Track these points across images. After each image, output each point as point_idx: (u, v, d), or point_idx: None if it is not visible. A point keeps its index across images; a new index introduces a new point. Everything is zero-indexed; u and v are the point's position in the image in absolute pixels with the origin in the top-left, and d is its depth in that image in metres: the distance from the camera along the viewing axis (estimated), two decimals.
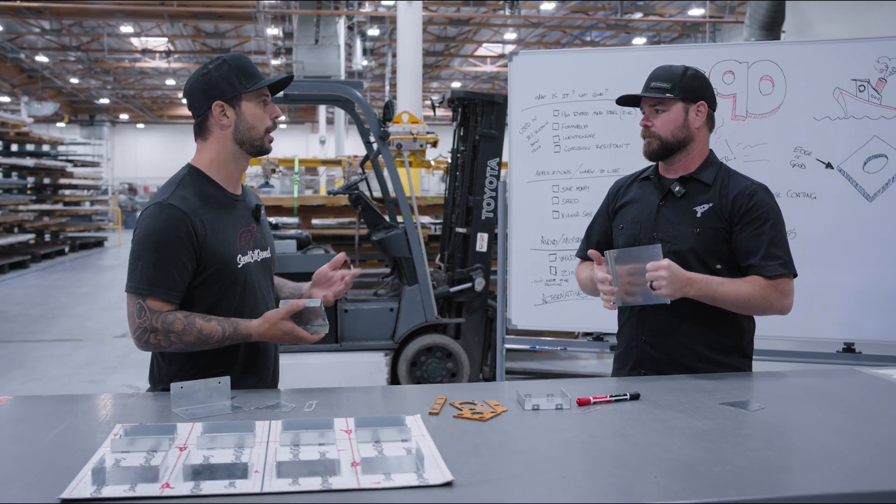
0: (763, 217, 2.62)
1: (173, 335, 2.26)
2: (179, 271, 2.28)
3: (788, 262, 2.62)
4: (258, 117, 2.40)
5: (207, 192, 2.39)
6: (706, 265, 2.63)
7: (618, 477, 1.67)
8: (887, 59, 3.85)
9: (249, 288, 2.42)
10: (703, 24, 24.57)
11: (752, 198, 2.63)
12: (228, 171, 2.45)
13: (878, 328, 3.94)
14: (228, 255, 2.36)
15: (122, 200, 31.36)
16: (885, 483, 1.63)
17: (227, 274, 2.36)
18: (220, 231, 2.36)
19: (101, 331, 9.81)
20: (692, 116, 2.68)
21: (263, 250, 2.51)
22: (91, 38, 28.49)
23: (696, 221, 2.67)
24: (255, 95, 2.40)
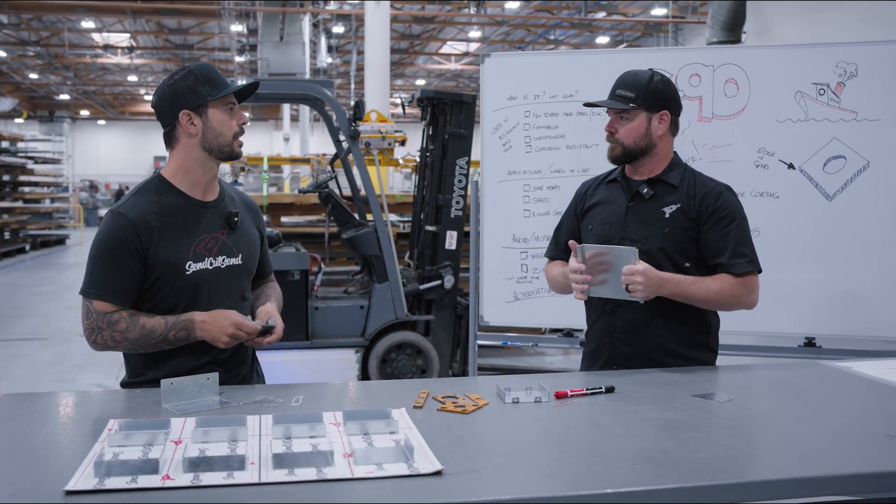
0: (729, 217, 2.71)
1: (118, 333, 2.35)
2: (124, 275, 2.36)
3: (754, 259, 2.72)
4: (225, 124, 2.45)
5: (166, 201, 2.44)
6: (675, 264, 2.73)
7: (599, 465, 1.76)
8: (845, 63, 3.99)
9: (202, 294, 2.44)
10: (665, 24, 24.88)
11: (718, 198, 2.73)
12: (194, 178, 2.49)
13: (838, 323, 4.08)
14: (176, 261, 2.40)
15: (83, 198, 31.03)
16: (844, 467, 1.74)
17: (174, 280, 2.40)
18: (171, 238, 2.40)
19: (66, 329, 9.74)
20: (655, 125, 2.75)
21: (232, 257, 2.52)
22: (51, 32, 28.07)
23: (665, 222, 2.75)
24: (221, 103, 2.45)
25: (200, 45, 30.28)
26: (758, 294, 2.75)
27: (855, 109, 4.00)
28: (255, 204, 2.76)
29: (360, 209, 7.30)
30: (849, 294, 4.07)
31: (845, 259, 4.05)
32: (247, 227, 2.61)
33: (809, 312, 4.12)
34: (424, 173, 7.10)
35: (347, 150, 6.76)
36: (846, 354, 4.01)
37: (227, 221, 2.53)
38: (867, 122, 3.99)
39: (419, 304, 6.80)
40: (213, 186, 2.54)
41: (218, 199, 2.55)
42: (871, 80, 3.98)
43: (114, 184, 40.27)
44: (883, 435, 1.94)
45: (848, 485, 1.69)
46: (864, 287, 4.04)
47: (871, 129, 3.99)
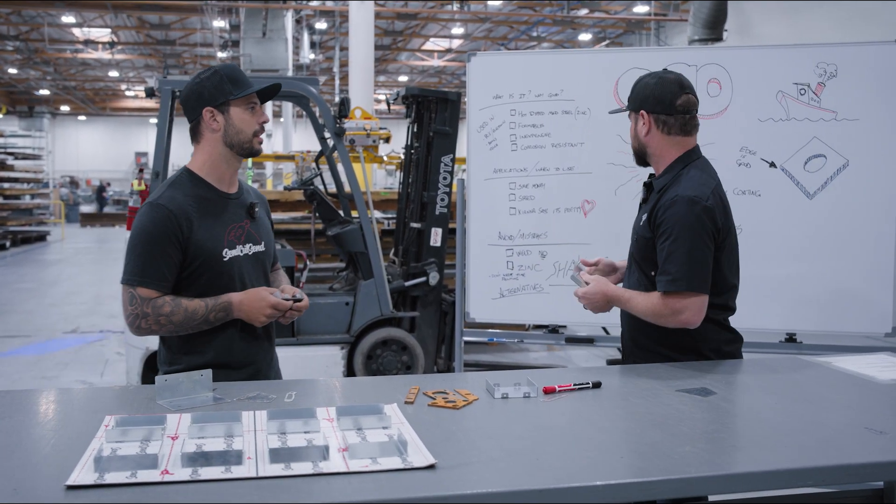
0: (668, 232, 2.63)
1: (163, 317, 2.47)
2: (166, 263, 2.48)
3: (678, 279, 2.58)
4: (246, 122, 2.59)
5: (198, 192, 2.59)
6: (643, 272, 2.78)
7: (587, 458, 1.80)
8: (825, 64, 4.06)
9: (237, 279, 2.59)
10: (647, 22, 25.00)
11: (667, 210, 2.65)
12: (220, 172, 2.64)
13: (818, 319, 4.15)
14: (214, 249, 2.54)
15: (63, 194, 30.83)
16: (825, 459, 1.80)
17: (213, 266, 2.54)
18: (207, 227, 2.54)
19: (50, 327, 9.70)
20: (639, 126, 2.78)
21: (256, 244, 2.69)
22: (30, 27, 27.86)
23: (639, 229, 2.81)
24: (243, 102, 2.58)
25: (182, 41, 30.14)
26: (690, 314, 2.60)
27: (835, 109, 4.08)
28: (264, 198, 2.91)
29: (346, 206, 7.31)
30: (829, 290, 4.14)
31: (825, 256, 4.13)
32: (263, 218, 2.79)
33: (790, 308, 4.19)
34: (409, 170, 7.13)
35: (333, 148, 6.78)
36: (826, 350, 4.08)
37: (249, 212, 2.70)
38: (846, 122, 4.06)
39: (404, 301, 6.83)
40: (235, 180, 2.71)
41: (238, 191, 2.71)
42: (851, 80, 4.05)
43: (94, 180, 39.99)
44: (862, 428, 2.00)
45: (828, 476, 1.75)
46: (844, 283, 4.12)
47: (850, 128, 4.06)
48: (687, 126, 2.76)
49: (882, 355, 2.91)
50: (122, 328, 7.15)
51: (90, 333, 9.29)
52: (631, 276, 2.87)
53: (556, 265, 4.43)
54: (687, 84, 2.78)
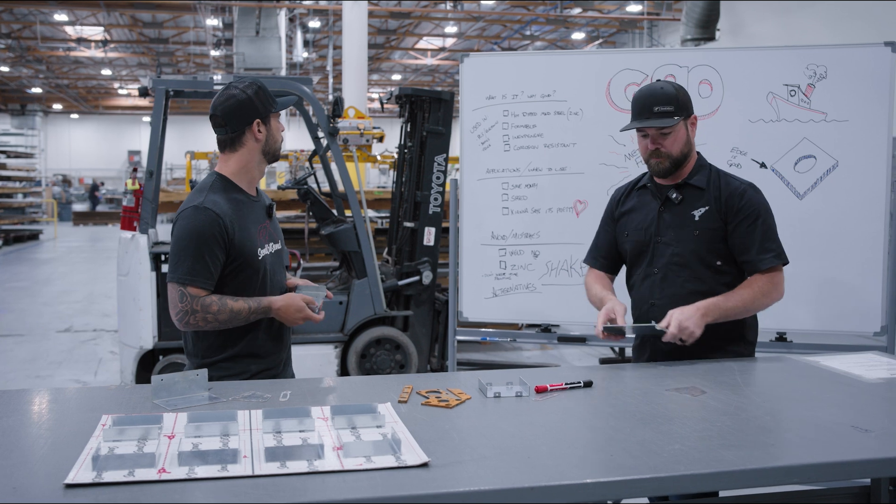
0: (754, 214, 2.83)
1: (210, 315, 2.64)
2: (213, 263, 2.66)
3: (780, 253, 2.86)
4: (279, 131, 2.85)
5: (233, 196, 2.77)
6: (706, 263, 2.86)
7: (578, 456, 1.83)
8: (815, 66, 4.09)
9: (268, 276, 2.79)
10: (640, 21, 25.05)
11: (742, 197, 2.85)
12: (251, 177, 2.85)
13: (808, 318, 4.19)
14: (252, 248, 2.74)
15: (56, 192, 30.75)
16: (811, 457, 1.83)
17: (250, 265, 2.73)
18: (245, 228, 2.73)
19: (43, 325, 9.70)
20: (691, 130, 2.91)
21: (276, 243, 2.89)
22: (22, 25, 27.77)
23: (695, 224, 2.87)
24: (276, 113, 2.84)
25: (175, 39, 30.07)
26: (783, 286, 2.88)
27: (824, 110, 4.11)
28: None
29: (339, 205, 7.33)
30: (819, 290, 4.18)
31: (815, 256, 4.17)
32: (275, 219, 2.98)
33: (780, 307, 4.19)
34: (403, 170, 7.16)
35: (326, 147, 6.80)
36: (816, 349, 4.11)
37: (267, 212, 2.89)
38: (836, 123, 4.10)
39: (398, 300, 6.86)
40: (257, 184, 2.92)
41: (258, 193, 2.90)
42: (840, 82, 4.09)
43: (87, 178, 39.90)
44: (848, 426, 2.03)
45: (814, 473, 1.78)
46: (834, 283, 4.16)
47: (839, 129, 4.10)
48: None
49: (870, 354, 2.95)
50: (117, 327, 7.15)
51: (83, 332, 9.30)
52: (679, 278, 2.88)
53: (548, 265, 4.46)
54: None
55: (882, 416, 2.18)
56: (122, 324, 6.38)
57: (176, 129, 9.38)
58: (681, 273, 2.89)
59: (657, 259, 2.93)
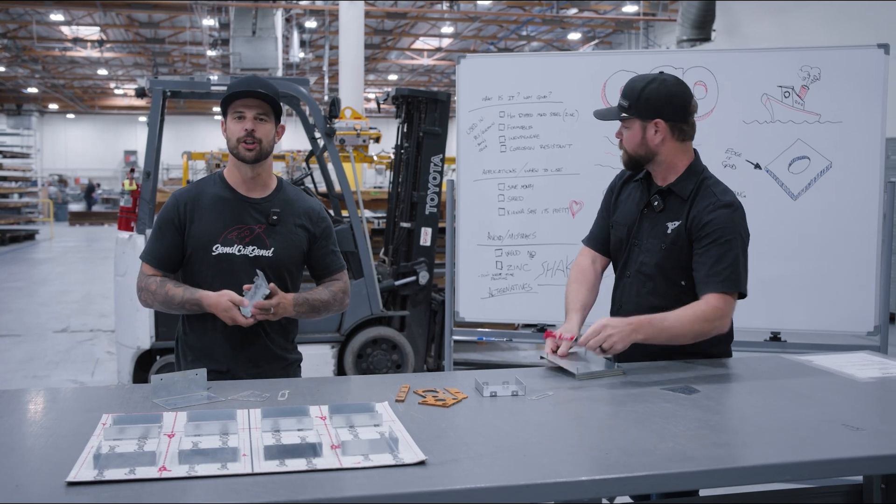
0: (714, 234, 2.63)
1: (149, 294, 2.75)
2: (165, 245, 2.78)
3: (730, 279, 2.61)
4: (232, 130, 2.76)
5: (213, 191, 2.82)
6: (670, 280, 2.73)
7: (573, 454, 1.86)
8: (809, 67, 4.12)
9: (227, 275, 2.74)
10: (636, 21, 25.09)
11: (709, 214, 2.65)
12: (237, 176, 2.83)
13: (802, 318, 4.22)
14: (206, 241, 2.75)
15: (52, 192, 30.72)
16: (802, 454, 1.86)
17: (202, 257, 2.76)
18: (208, 221, 2.76)
19: (40, 326, 9.71)
20: (650, 134, 2.70)
21: (262, 249, 2.78)
22: (18, 25, 27.75)
23: (666, 238, 2.74)
24: (232, 110, 2.75)
25: (172, 39, 30.06)
26: (730, 318, 2.66)
27: (818, 112, 4.14)
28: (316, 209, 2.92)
29: (336, 206, 7.35)
30: (812, 290, 4.21)
31: (809, 256, 4.20)
32: (290, 227, 2.84)
33: (775, 307, 4.26)
34: (399, 170, 7.18)
35: (323, 148, 6.82)
36: (810, 348, 4.14)
37: (267, 218, 2.80)
38: (830, 124, 4.13)
39: (394, 300, 6.88)
40: (258, 185, 2.83)
41: (267, 197, 2.83)
42: (834, 83, 4.12)
43: (83, 178, 39.87)
44: (839, 424, 2.06)
45: (805, 471, 1.82)
46: (827, 283, 4.19)
47: (833, 130, 4.13)
48: (693, 130, 2.80)
49: (862, 354, 2.98)
50: (114, 327, 7.17)
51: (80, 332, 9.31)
52: (643, 289, 2.79)
53: (544, 265, 4.49)
54: (689, 87, 2.78)
55: (873, 414, 2.21)
56: (119, 324, 6.40)
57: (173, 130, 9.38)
58: (646, 284, 2.78)
59: (630, 263, 2.83)
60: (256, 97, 2.71)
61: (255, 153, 2.74)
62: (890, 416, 2.23)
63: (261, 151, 2.75)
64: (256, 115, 2.73)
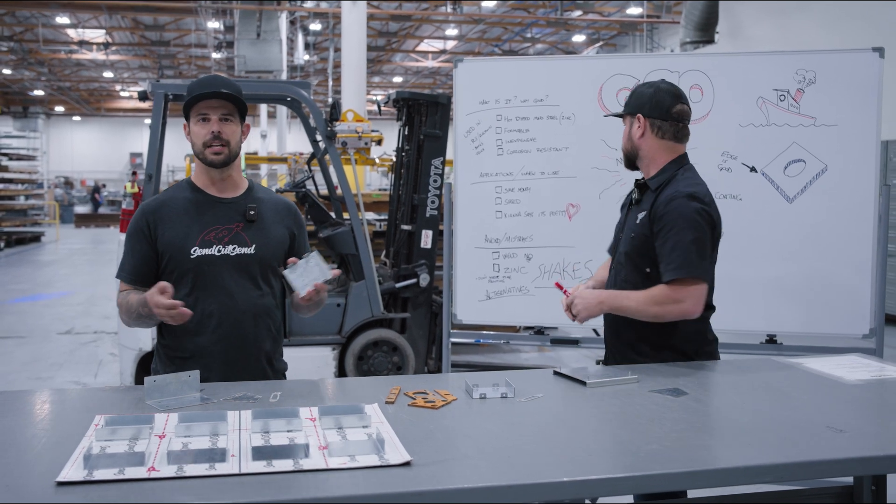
0: (670, 224, 2.74)
1: (121, 310, 2.72)
2: (136, 257, 2.72)
3: (683, 265, 2.70)
4: (196, 134, 2.70)
5: (183, 195, 2.77)
6: (637, 268, 2.88)
7: (556, 456, 1.88)
8: (804, 71, 4.14)
9: (206, 278, 2.69)
10: (640, 24, 25.10)
11: (668, 205, 2.77)
12: (205, 178, 2.78)
13: (798, 321, 4.24)
14: (181, 247, 2.68)
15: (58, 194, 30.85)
16: (784, 456, 1.87)
17: (180, 262, 2.68)
18: (182, 225, 2.70)
19: (44, 327, 9.75)
20: (634, 129, 2.91)
21: (244, 247, 2.73)
22: (25, 28, 27.88)
23: (635, 227, 2.89)
24: (194, 114, 2.69)
25: (177, 42, 30.17)
26: (690, 303, 2.71)
27: (814, 115, 4.16)
28: (291, 207, 2.92)
29: (337, 208, 7.38)
30: (808, 293, 4.23)
31: (805, 259, 4.21)
32: (270, 224, 2.80)
33: (771, 310, 4.28)
34: (400, 173, 7.21)
35: (324, 151, 6.85)
36: (805, 351, 4.16)
37: (244, 215, 2.75)
38: (825, 128, 4.15)
39: (395, 302, 6.91)
40: (228, 185, 2.78)
41: (239, 196, 2.79)
42: (829, 86, 4.14)
43: (89, 180, 40.01)
44: (823, 426, 2.08)
45: (786, 473, 1.83)
46: (823, 286, 4.21)
47: (828, 134, 4.15)
48: (679, 133, 2.92)
49: (853, 356, 2.99)
50: (117, 329, 7.22)
51: (84, 334, 9.35)
52: (618, 276, 2.96)
53: (541, 268, 4.51)
54: (682, 94, 2.93)
55: (858, 416, 2.23)
56: (121, 326, 6.43)
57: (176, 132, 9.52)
58: (620, 272, 2.96)
59: (618, 252, 3.02)
60: (219, 97, 2.64)
61: (224, 156, 2.68)
62: (875, 418, 2.25)
63: (229, 154, 2.69)
64: (221, 116, 2.66)
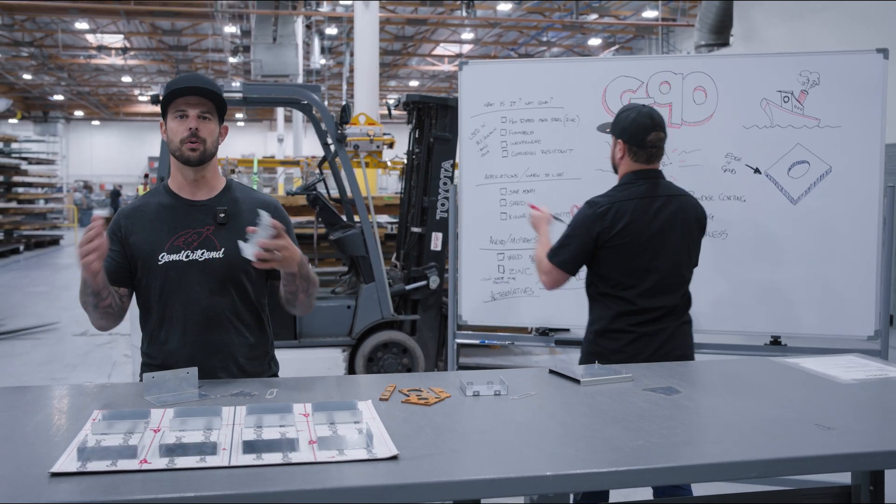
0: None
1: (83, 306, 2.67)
2: (110, 259, 2.62)
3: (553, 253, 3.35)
4: (173, 130, 2.64)
5: (157, 200, 2.73)
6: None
7: (543, 451, 1.91)
8: (808, 72, 4.14)
9: (173, 282, 2.63)
10: (655, 27, 25.06)
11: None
12: (179, 180, 2.72)
13: (802, 322, 4.23)
14: (149, 252, 2.64)
15: (77, 198, 31.12)
16: (769, 452, 1.89)
17: (149, 269, 2.65)
18: (151, 231, 2.65)
19: (60, 329, 9.87)
20: (616, 150, 3.40)
21: (213, 251, 2.65)
22: (45, 33, 28.19)
23: None
24: (172, 110, 2.63)
25: (194, 47, 30.40)
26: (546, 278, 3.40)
27: (817, 116, 4.16)
28: (276, 208, 2.82)
29: (348, 211, 7.43)
30: (813, 294, 4.22)
31: (809, 260, 4.21)
32: (243, 226, 2.56)
33: (774, 311, 4.27)
34: (411, 176, 7.25)
35: (334, 153, 6.90)
36: (810, 353, 4.15)
37: (214, 218, 2.67)
38: (829, 129, 4.15)
39: (405, 304, 6.95)
40: (203, 186, 2.71)
41: (213, 198, 2.71)
42: (833, 88, 4.14)
43: (108, 184, 40.33)
44: (812, 424, 2.09)
45: (771, 468, 1.84)
46: (828, 288, 4.20)
47: (832, 135, 4.15)
48: (652, 157, 3.34)
49: (851, 356, 3.00)
50: (129, 331, 7.29)
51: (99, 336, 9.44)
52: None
53: None
54: (659, 122, 3.30)
55: (848, 415, 2.23)
56: (134, 327, 6.50)
57: None
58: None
59: None
60: (198, 94, 2.61)
61: (200, 153, 2.61)
62: (865, 416, 2.26)
63: (205, 152, 2.63)
64: (200, 114, 2.62)
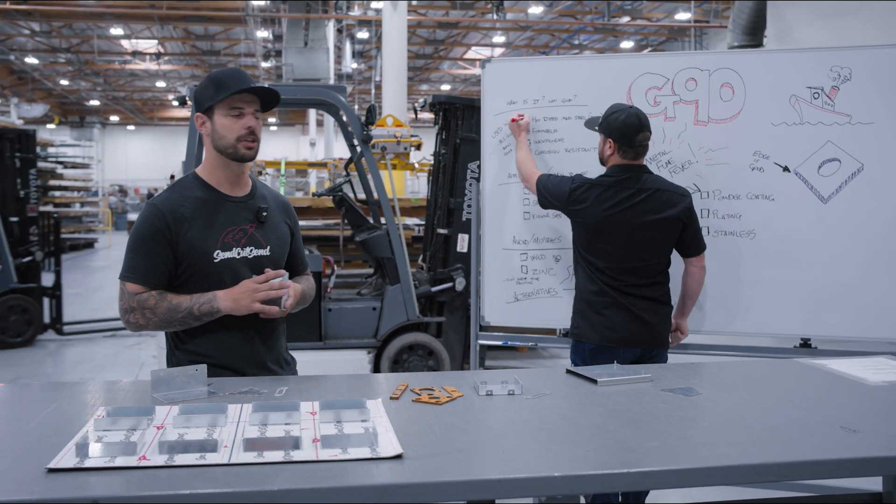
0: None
1: (147, 311, 2.52)
2: (153, 260, 2.54)
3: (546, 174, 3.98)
4: (227, 127, 2.59)
5: (196, 194, 2.63)
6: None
7: (553, 452, 1.85)
8: (839, 67, 4.03)
9: (229, 282, 2.57)
10: (688, 29, 24.82)
11: None
12: (220, 175, 2.67)
13: (833, 324, 4.12)
14: (204, 249, 2.56)
15: (112, 202, 31.45)
16: (790, 454, 1.82)
17: (203, 266, 2.57)
18: (201, 227, 2.57)
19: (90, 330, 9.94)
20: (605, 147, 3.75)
21: (259, 248, 2.66)
22: (81, 39, 28.58)
23: None
24: (225, 106, 2.59)
25: (227, 51, 30.64)
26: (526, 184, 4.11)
27: (849, 113, 4.04)
28: (288, 203, 2.89)
29: (374, 212, 7.41)
30: (843, 295, 4.11)
31: (840, 261, 4.09)
32: (276, 223, 2.75)
33: (804, 314, 4.16)
34: (437, 177, 7.21)
35: (360, 155, 6.88)
36: (840, 356, 4.03)
37: (256, 215, 2.68)
38: (861, 126, 4.03)
39: (431, 306, 6.90)
40: (241, 183, 2.71)
41: (248, 195, 2.71)
42: (865, 83, 4.02)
43: (143, 188, 40.80)
44: (836, 426, 2.01)
45: (790, 471, 1.77)
46: (859, 289, 4.08)
47: (865, 132, 4.03)
48: (639, 155, 3.67)
49: (881, 358, 2.90)
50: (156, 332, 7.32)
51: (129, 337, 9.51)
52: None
53: (569, 269, 4.44)
54: (645, 123, 3.63)
55: (875, 417, 2.15)
56: None
57: None
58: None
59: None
60: (256, 93, 2.60)
61: (255, 152, 2.63)
62: (894, 419, 2.17)
63: (257, 150, 2.65)
64: (254, 112, 2.62)
